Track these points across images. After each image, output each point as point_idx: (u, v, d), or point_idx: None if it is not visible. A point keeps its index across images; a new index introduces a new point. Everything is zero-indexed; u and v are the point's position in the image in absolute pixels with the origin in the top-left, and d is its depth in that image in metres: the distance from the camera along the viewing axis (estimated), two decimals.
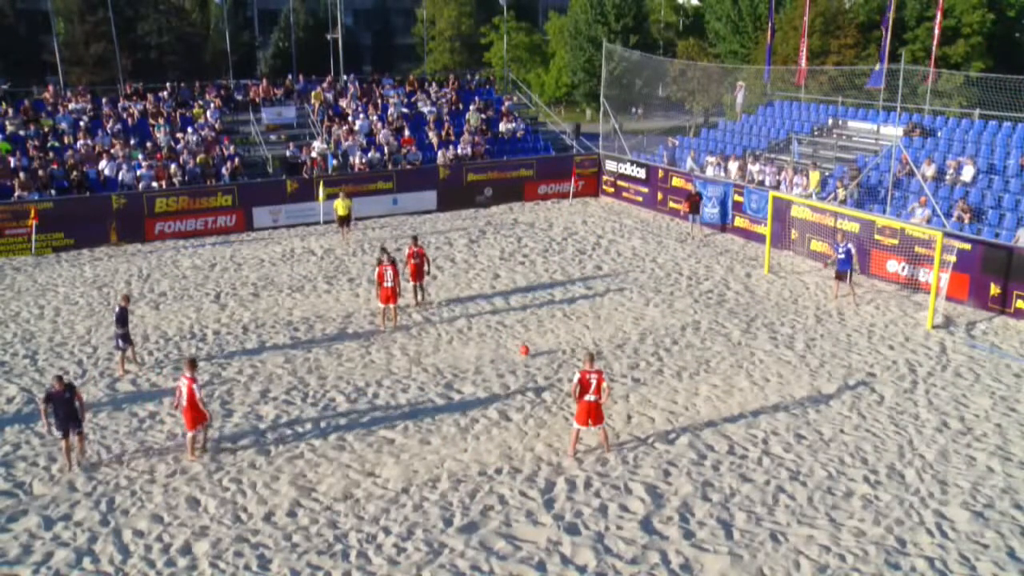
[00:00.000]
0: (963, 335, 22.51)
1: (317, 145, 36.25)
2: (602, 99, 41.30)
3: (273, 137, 37.69)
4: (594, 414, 15.55)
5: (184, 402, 15.43)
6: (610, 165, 39.03)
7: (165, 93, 38.74)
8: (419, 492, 14.71)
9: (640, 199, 37.37)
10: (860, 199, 29.37)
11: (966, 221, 26.38)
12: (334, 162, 35.19)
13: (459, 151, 37.79)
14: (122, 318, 19.18)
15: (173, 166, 33.28)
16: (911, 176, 29.20)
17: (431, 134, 38.80)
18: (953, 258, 24.07)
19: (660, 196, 36.23)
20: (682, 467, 15.57)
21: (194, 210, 32.45)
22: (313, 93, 40.17)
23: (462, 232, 32.89)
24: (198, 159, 34.18)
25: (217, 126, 37.10)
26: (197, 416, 15.59)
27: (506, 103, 43.30)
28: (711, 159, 35.22)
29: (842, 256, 24.45)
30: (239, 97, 40.08)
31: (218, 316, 23.56)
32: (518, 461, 15.73)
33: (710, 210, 33.20)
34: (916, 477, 15.26)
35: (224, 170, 33.90)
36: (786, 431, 17.00)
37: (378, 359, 20.52)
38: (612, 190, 39.07)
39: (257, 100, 39.76)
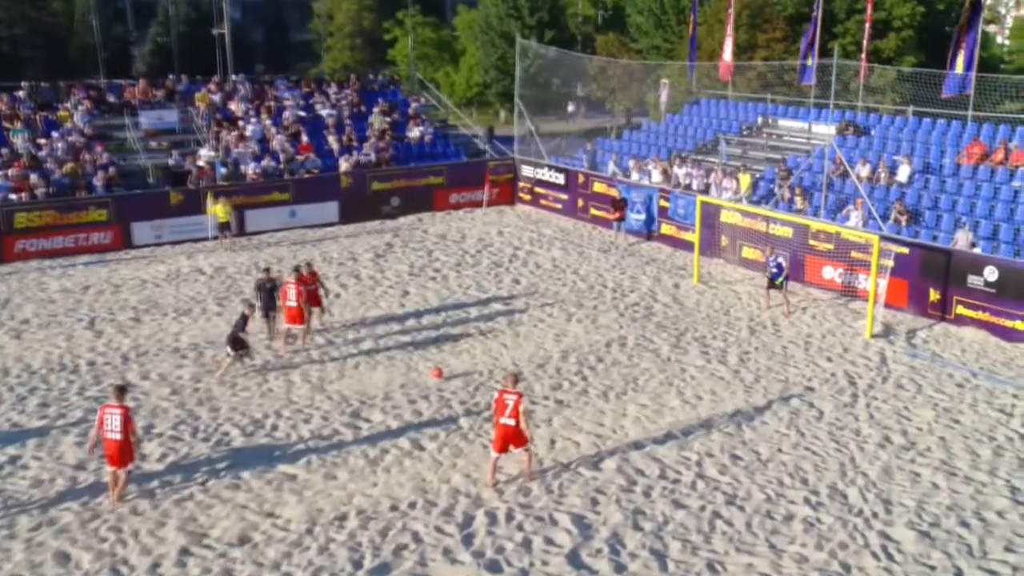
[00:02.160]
0: (903, 344, 23.06)
1: (204, 152, 35.66)
2: (517, 99, 41.50)
3: (153, 144, 36.91)
4: (512, 438, 15.46)
5: (115, 436, 14.73)
6: (527, 171, 39.23)
7: (22, 93, 37.48)
8: (324, 532, 14.44)
9: (559, 207, 37.62)
10: (793, 202, 30.03)
11: (903, 224, 27.10)
12: (223, 171, 34.62)
13: (362, 158, 37.54)
14: None
15: (35, 176, 32.17)
16: (845, 177, 29.94)
17: (331, 140, 38.51)
18: (891, 263, 24.60)
19: (581, 203, 36.51)
20: (611, 494, 15.59)
21: (63, 226, 31.46)
22: (198, 95, 39.53)
23: (367, 246, 32.71)
24: (65, 168, 33.17)
25: (87, 131, 36.12)
26: (127, 453, 14.97)
27: (413, 105, 43.24)
28: (634, 162, 35.61)
29: (774, 270, 24.98)
30: (112, 99, 39.07)
31: (93, 344, 22.90)
32: (433, 494, 15.60)
33: (635, 217, 33.57)
34: (859, 497, 15.52)
35: (97, 180, 32.98)
36: (721, 452, 17.15)
37: (277, 387, 20.21)
38: (529, 197, 39.27)
39: (134, 102, 38.87)
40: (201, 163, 34.79)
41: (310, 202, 35.38)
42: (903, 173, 29.24)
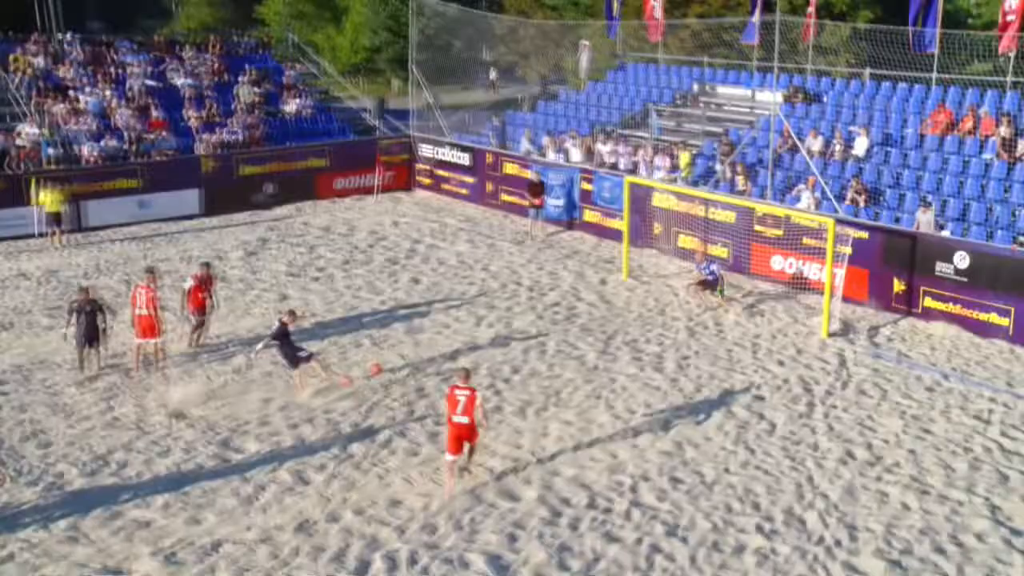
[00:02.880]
0: (865, 343, 23.44)
1: (26, 129, 34.59)
2: (412, 66, 41.33)
3: None
4: (467, 436, 16.43)
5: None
6: (425, 150, 39.24)
7: None
8: None
9: (465, 192, 37.70)
10: (735, 182, 30.38)
11: (861, 204, 27.49)
12: (52, 152, 33.64)
13: (228, 137, 37.03)
14: None
15: None
16: (795, 152, 30.34)
17: (189, 115, 37.86)
18: (848, 250, 24.89)
19: (490, 187, 36.59)
20: (531, 529, 15.52)
21: None
22: (14, 56, 38.23)
23: (236, 242, 32.30)
24: None
25: None
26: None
27: (289, 73, 42.83)
28: (551, 139, 35.68)
29: (708, 277, 25.47)
30: None
31: None
32: (320, 536, 15.35)
33: (553, 203, 33.66)
34: (819, 522, 15.62)
35: None
36: (659, 475, 17.20)
37: (125, 415, 19.69)
38: (429, 181, 39.25)
39: None
40: (22, 142, 33.77)
41: (165, 190, 34.80)
42: (860, 146, 29.64)
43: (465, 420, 16.28)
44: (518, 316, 25.31)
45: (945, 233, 25.34)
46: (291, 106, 40.22)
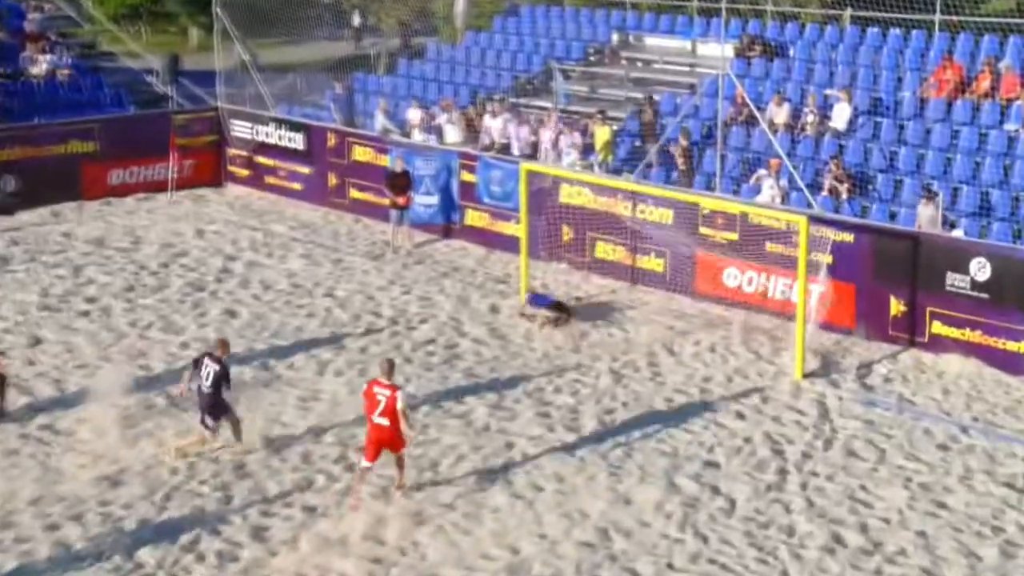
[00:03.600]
0: (854, 386, 23.62)
1: None
2: (216, 8, 40.89)
3: None
4: (388, 441, 18.60)
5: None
6: (241, 128, 39.05)
7: None
8: None
9: (299, 187, 37.56)
10: (673, 166, 30.45)
11: (843, 195, 27.68)
12: None
13: None
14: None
15: None
16: (752, 124, 30.51)
17: None
18: (828, 257, 25.14)
19: (334, 180, 36.52)
20: None
21: None
22: None
23: None
24: None
25: None
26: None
27: (32, 17, 41.88)
28: (418, 112, 35.44)
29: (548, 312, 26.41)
30: None
31: None
32: None
33: (423, 201, 33.54)
34: None
35: None
36: (576, 574, 17.10)
37: None
38: (247, 173, 39.09)
39: None
40: None
41: None
42: (840, 115, 29.82)
43: (386, 422, 18.45)
44: (376, 360, 24.09)
45: (957, 233, 25.57)
46: (39, 66, 39.40)
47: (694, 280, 28.20)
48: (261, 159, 38.79)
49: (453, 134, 34.49)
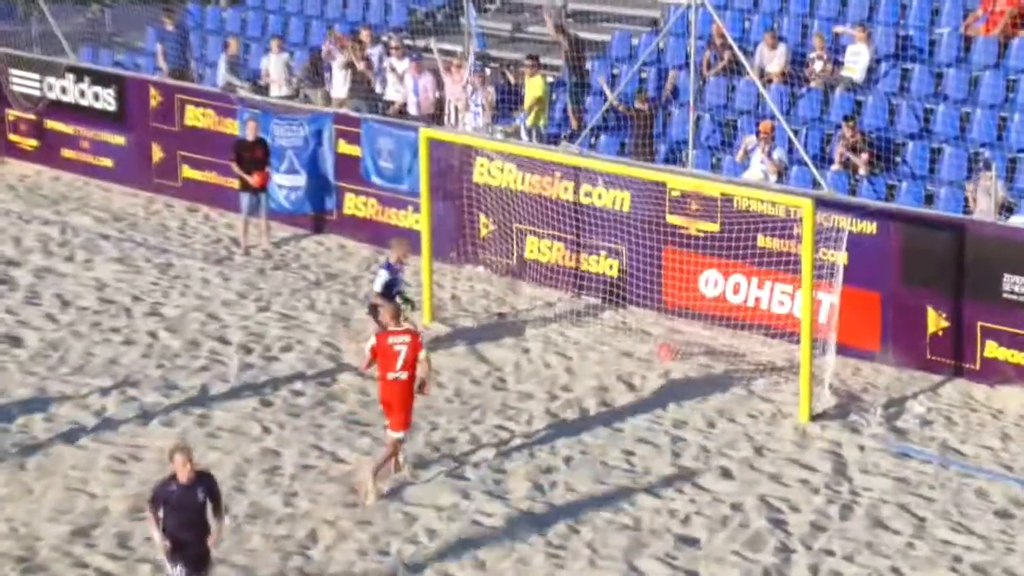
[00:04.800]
0: (879, 430, 21.67)
1: None
2: None
3: None
4: (400, 399, 18.67)
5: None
6: (23, 81, 35.85)
7: None
8: None
9: (109, 163, 34.46)
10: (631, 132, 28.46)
11: (861, 170, 26.06)
12: None
13: None
14: None
15: None
16: (735, 73, 28.65)
17: None
18: (843, 256, 23.07)
19: (160, 154, 33.43)
20: None
21: None
22: None
23: None
24: None
25: None
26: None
27: None
28: (277, 57, 32.79)
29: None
30: None
31: None
32: None
33: (286, 181, 30.80)
34: None
35: None
36: None
37: None
38: (34, 143, 36.05)
39: None
40: None
41: None
42: (856, 61, 27.96)
43: (404, 376, 18.59)
44: (221, 404, 22.66)
45: (1017, 220, 23.30)
46: None
47: (660, 288, 25.69)
48: (54, 124, 35.40)
49: (334, 87, 31.95)
